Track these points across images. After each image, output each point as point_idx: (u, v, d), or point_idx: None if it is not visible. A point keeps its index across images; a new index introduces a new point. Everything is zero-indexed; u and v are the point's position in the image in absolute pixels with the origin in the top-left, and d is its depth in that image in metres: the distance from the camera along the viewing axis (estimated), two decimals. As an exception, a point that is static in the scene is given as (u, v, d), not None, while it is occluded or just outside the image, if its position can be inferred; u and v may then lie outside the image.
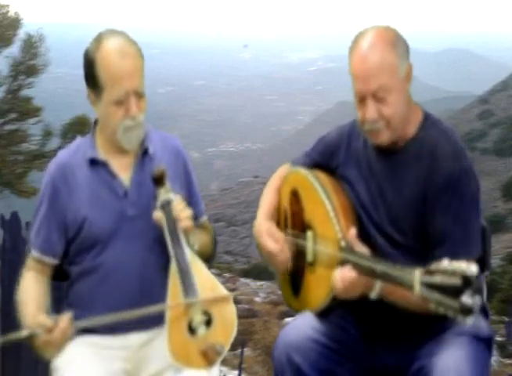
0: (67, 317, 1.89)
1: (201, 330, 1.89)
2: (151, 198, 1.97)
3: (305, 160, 2.17)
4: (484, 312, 1.98)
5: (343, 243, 1.86)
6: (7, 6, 12.43)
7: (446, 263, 1.47)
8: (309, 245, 2.01)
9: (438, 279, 1.47)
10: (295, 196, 2.11)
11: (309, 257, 2.01)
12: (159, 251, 1.99)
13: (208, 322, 1.90)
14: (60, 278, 2.12)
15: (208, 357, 1.89)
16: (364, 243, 1.83)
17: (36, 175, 11.83)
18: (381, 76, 1.80)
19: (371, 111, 1.83)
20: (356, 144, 2.04)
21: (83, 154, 2.04)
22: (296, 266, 2.07)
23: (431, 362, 1.80)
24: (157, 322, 1.95)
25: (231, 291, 2.01)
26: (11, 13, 12.47)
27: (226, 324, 1.91)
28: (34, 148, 12.44)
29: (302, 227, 2.06)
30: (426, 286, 1.50)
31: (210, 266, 2.03)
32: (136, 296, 1.99)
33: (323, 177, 2.05)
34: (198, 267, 1.95)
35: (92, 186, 2.00)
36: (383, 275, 1.69)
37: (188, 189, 2.12)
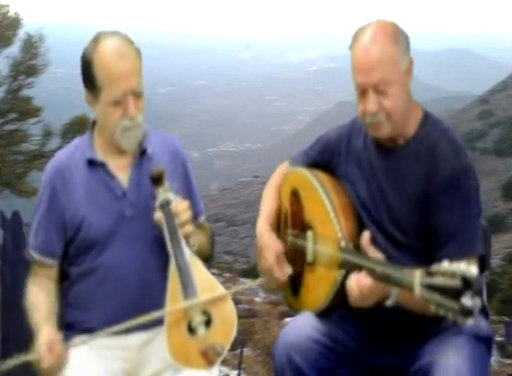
0: (58, 341, 1.88)
1: (201, 330, 1.89)
2: (150, 198, 1.97)
3: (304, 158, 2.17)
4: (484, 312, 1.98)
5: (343, 243, 1.86)
6: (7, 6, 12.42)
7: (446, 264, 1.47)
8: (309, 245, 2.01)
9: (439, 280, 1.47)
10: (295, 196, 2.11)
11: (309, 257, 2.01)
12: (158, 252, 1.99)
13: (208, 322, 1.90)
14: (60, 279, 2.11)
15: (208, 357, 1.88)
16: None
17: (36, 175, 11.80)
18: (383, 68, 1.80)
19: (372, 103, 1.83)
20: (356, 143, 2.03)
21: (81, 155, 2.03)
22: (296, 266, 2.07)
23: (431, 362, 1.80)
24: (157, 322, 1.94)
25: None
26: (11, 13, 12.47)
27: (226, 324, 1.91)
28: (34, 148, 12.43)
29: (302, 227, 2.05)
30: (426, 287, 1.50)
31: (209, 266, 2.03)
32: (136, 297, 1.98)
33: (323, 177, 2.05)
34: (197, 267, 1.95)
35: (90, 187, 2.00)
36: (383, 276, 1.68)
37: (187, 188, 2.11)
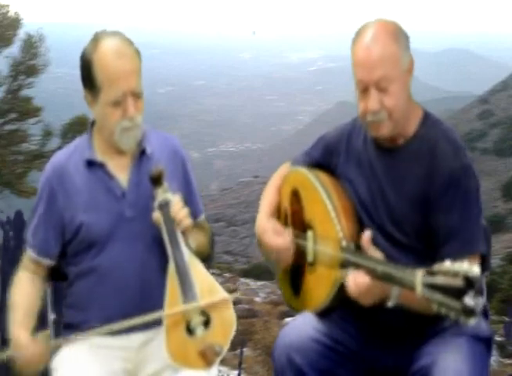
0: (42, 340, 1.90)
1: (199, 330, 1.88)
2: (149, 199, 1.96)
3: (305, 159, 2.16)
4: (483, 312, 1.98)
5: (344, 243, 1.85)
6: (7, 6, 12.46)
7: (448, 264, 1.46)
8: (310, 245, 2.00)
9: (440, 280, 1.46)
10: (295, 196, 2.10)
11: (310, 257, 2.00)
12: (158, 252, 1.98)
13: (206, 322, 1.89)
14: (60, 279, 2.11)
15: (207, 357, 1.88)
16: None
17: (36, 175, 11.83)
18: (384, 66, 1.80)
19: (374, 101, 1.82)
20: (357, 143, 2.03)
21: (80, 155, 2.02)
22: (296, 266, 2.06)
23: (431, 362, 1.79)
24: (157, 322, 1.94)
25: (231, 292, 2.01)
26: (11, 13, 12.51)
27: (225, 324, 1.91)
28: (34, 148, 12.46)
29: (303, 227, 2.05)
30: (428, 287, 1.49)
31: (209, 266, 2.02)
32: (136, 297, 1.98)
33: (324, 177, 2.05)
34: (197, 268, 1.94)
35: (90, 188, 1.99)
36: (384, 275, 1.68)
37: (186, 188, 2.10)
